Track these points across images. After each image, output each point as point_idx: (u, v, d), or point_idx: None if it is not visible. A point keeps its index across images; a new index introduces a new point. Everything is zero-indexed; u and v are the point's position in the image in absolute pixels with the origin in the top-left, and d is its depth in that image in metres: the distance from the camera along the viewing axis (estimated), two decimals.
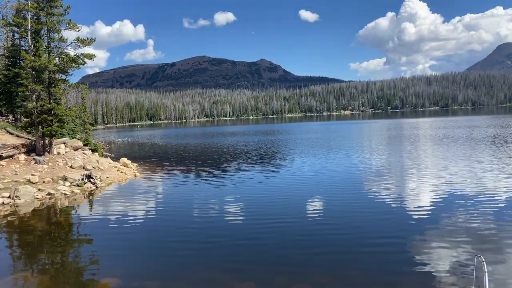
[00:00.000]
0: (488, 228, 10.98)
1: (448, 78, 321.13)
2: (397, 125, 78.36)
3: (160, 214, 14.59)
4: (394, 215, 12.92)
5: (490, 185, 16.36)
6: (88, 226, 13.55)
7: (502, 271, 8.26)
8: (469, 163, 22.78)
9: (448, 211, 12.86)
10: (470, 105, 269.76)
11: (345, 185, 18.18)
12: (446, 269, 8.50)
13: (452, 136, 42.33)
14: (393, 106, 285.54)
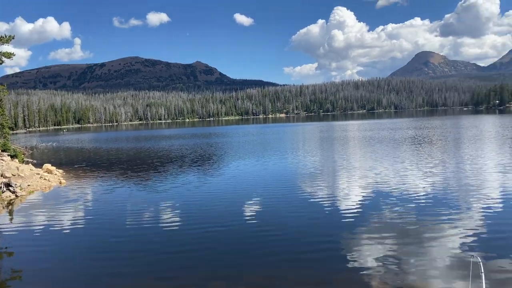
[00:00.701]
0: (410, 223, 11.86)
1: (374, 83, 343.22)
2: (328, 127, 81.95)
3: (88, 224, 13.74)
4: (327, 215, 13.44)
5: (411, 183, 17.72)
6: (8, 238, 12.37)
7: (425, 262, 8.94)
8: (392, 162, 24.50)
9: (375, 208, 13.70)
10: (393, 108, 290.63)
11: (280, 187, 18.57)
12: (374, 263, 9.00)
13: (378, 137, 45.30)
14: (325, 109, 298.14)
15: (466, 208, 13.04)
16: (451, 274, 8.25)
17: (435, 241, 10.16)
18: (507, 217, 12.03)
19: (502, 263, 8.64)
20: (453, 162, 23.86)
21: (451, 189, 16.11)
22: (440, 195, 15.19)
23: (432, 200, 14.37)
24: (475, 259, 6.28)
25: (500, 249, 9.41)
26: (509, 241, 9.94)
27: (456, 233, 10.63)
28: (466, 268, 8.44)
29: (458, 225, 11.29)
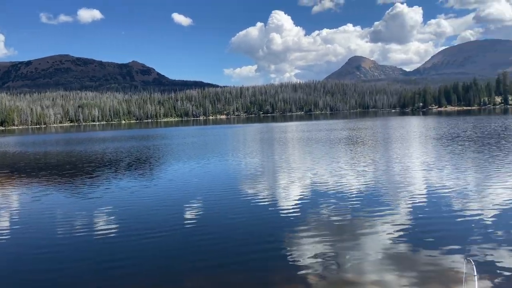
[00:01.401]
0: (346, 220, 12.35)
1: (311, 86, 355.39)
2: (268, 128, 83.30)
3: (13, 235, 12.53)
4: (267, 216, 13.54)
5: (346, 182, 18.50)
6: None
7: (359, 256, 9.31)
8: (329, 162, 25.43)
9: (314, 207, 14.08)
10: (329, 110, 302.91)
11: (221, 190, 18.41)
12: (313, 260, 9.20)
13: (315, 138, 46.89)
14: (264, 111, 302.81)
15: (396, 205, 13.87)
16: (383, 266, 8.67)
17: (368, 236, 10.66)
18: (433, 211, 12.96)
19: (430, 253, 9.26)
20: (383, 161, 25.34)
21: (382, 187, 17.06)
22: (373, 192, 16.02)
23: (365, 198, 15.09)
24: (469, 262, 6.58)
25: (426, 242, 10.08)
26: (435, 234, 10.67)
27: (387, 228, 11.23)
28: (397, 260, 8.95)
29: (388, 221, 11.95)
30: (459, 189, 15.89)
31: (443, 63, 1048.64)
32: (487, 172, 19.39)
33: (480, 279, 7.81)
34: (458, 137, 39.70)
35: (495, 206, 13.03)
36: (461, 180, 17.62)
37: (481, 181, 17.37)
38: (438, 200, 14.27)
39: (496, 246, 9.53)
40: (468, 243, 9.77)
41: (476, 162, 22.80)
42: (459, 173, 19.52)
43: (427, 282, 7.84)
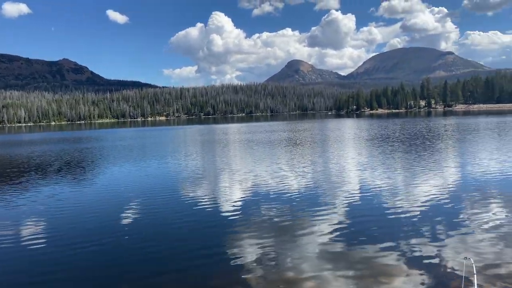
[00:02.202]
0: (286, 220, 12.51)
1: (252, 88, 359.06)
2: (209, 130, 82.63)
3: None
4: (208, 219, 13.32)
5: (287, 183, 18.82)
6: None
7: (299, 255, 9.45)
8: (269, 164, 25.75)
9: (255, 209, 14.11)
10: (269, 112, 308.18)
11: (160, 194, 17.80)
12: (254, 262, 9.17)
13: (256, 140, 47.34)
14: (205, 112, 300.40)
15: (333, 204, 14.35)
16: (322, 265, 8.88)
17: (307, 236, 10.88)
18: (367, 209, 13.59)
19: (366, 250, 9.65)
20: (321, 161, 26.21)
21: (320, 187, 17.59)
22: (311, 193, 16.45)
23: (304, 198, 15.45)
24: (468, 261, 6.73)
25: (362, 239, 10.50)
26: (369, 231, 11.17)
27: (325, 227, 11.56)
28: (335, 258, 9.21)
29: (326, 220, 12.32)
30: (390, 187, 16.85)
31: (374, 69, 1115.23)
32: (415, 170, 20.81)
33: (409, 272, 8.29)
34: (388, 138, 42.30)
35: (423, 203, 13.97)
36: (392, 179, 18.71)
37: (410, 179, 18.58)
38: (372, 199, 15.01)
39: (425, 240, 10.19)
40: (400, 239, 10.34)
41: (405, 162, 24.40)
42: (390, 172, 20.72)
43: (363, 278, 8.15)
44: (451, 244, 9.80)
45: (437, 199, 14.41)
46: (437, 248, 9.53)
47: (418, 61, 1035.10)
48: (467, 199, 14.23)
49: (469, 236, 10.31)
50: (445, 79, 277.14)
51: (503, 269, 8.22)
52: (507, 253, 9.07)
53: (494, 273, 8.01)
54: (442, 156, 26.41)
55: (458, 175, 19.22)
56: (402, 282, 7.91)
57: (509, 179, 17.59)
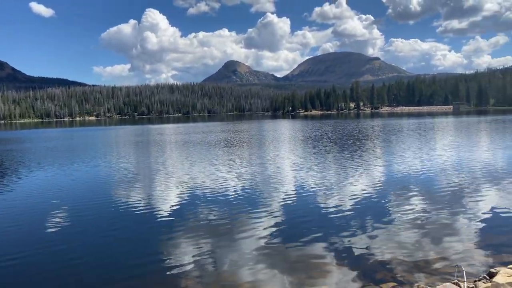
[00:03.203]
0: (224, 221, 12.42)
1: (188, 88, 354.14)
2: (144, 131, 79.87)
3: None
4: (143, 222, 12.80)
5: (224, 184, 18.72)
6: None
7: (237, 257, 9.40)
8: (207, 165, 25.46)
9: (191, 212, 13.84)
10: (206, 112, 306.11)
11: (90, 199, 16.75)
12: (191, 264, 8.96)
13: (193, 141, 46.66)
14: (140, 112, 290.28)
15: (270, 204, 14.55)
16: (259, 265, 8.92)
17: (245, 237, 10.87)
18: (303, 209, 13.97)
19: (303, 247, 9.87)
20: (258, 162, 26.51)
21: (257, 188, 17.76)
22: (249, 194, 16.54)
23: (242, 199, 15.49)
24: (459, 268, 6.80)
25: (299, 238, 10.73)
26: (305, 230, 11.47)
27: (262, 228, 11.66)
28: (273, 258, 9.31)
29: (263, 220, 12.45)
30: (324, 186, 17.50)
31: (308, 71, 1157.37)
32: (346, 170, 21.86)
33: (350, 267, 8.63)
34: (322, 138, 44.06)
35: (354, 201, 14.67)
36: (325, 179, 19.45)
37: (342, 178, 19.45)
38: (307, 198, 15.47)
39: (356, 236, 10.69)
40: (333, 236, 10.73)
41: (337, 161, 25.54)
42: (324, 172, 21.53)
43: (299, 275, 8.32)
44: (380, 238, 10.39)
45: (367, 196, 15.23)
46: (367, 243, 10.04)
47: (348, 65, 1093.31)
48: (394, 196, 15.23)
49: (396, 230, 11.01)
50: (372, 82, 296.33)
51: (426, 258, 8.86)
52: (428, 243, 9.81)
53: (416, 263, 8.61)
54: (371, 156, 28.05)
55: (385, 173, 20.50)
56: (336, 276, 8.21)
57: (429, 176, 19.13)
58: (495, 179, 17.64)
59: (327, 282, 7.96)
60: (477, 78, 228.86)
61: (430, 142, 36.26)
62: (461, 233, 10.55)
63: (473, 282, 7.02)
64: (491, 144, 33.73)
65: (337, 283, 7.84)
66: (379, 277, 8.02)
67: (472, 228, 10.90)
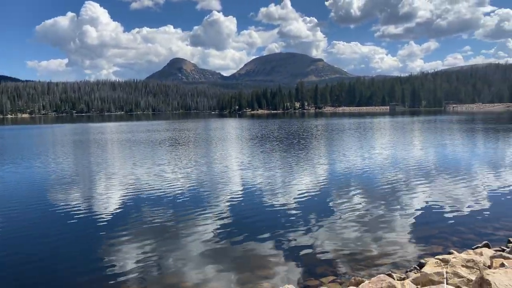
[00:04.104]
0: (168, 222, 12.18)
1: (131, 85, 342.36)
2: (83, 129, 75.99)
3: None
4: (83, 228, 12.16)
5: (170, 184, 18.36)
6: None
7: (183, 257, 9.26)
8: (151, 165, 24.79)
9: (135, 213, 13.41)
10: (151, 110, 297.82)
11: (27, 204, 15.59)
12: (134, 266, 8.69)
13: (137, 140, 45.17)
14: (78, 110, 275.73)
15: (216, 204, 14.52)
16: (205, 265, 8.88)
17: (191, 238, 10.76)
18: (249, 207, 14.08)
19: (249, 246, 9.96)
20: (205, 161, 26.32)
21: (204, 188, 17.63)
22: (195, 194, 16.37)
23: (188, 199, 15.30)
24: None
25: (246, 236, 10.82)
26: (251, 228, 11.57)
27: (208, 227, 11.61)
28: (220, 257, 9.30)
29: (209, 220, 12.40)
30: (270, 185, 17.79)
31: (255, 71, 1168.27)
32: (292, 168, 22.38)
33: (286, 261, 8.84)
34: (268, 137, 44.71)
35: (299, 198, 15.07)
36: (271, 177, 19.77)
37: (288, 176, 19.89)
38: (253, 196, 15.63)
39: (300, 232, 11.00)
40: (279, 233, 10.94)
41: (283, 160, 26.07)
42: (270, 170, 21.87)
43: (245, 273, 8.40)
44: (322, 234, 10.77)
45: (311, 194, 15.70)
46: (310, 239, 10.37)
47: (293, 65, 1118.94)
48: (336, 193, 15.86)
49: (338, 226, 11.47)
50: (316, 83, 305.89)
51: (364, 252, 9.34)
52: (366, 238, 10.35)
53: (355, 257, 9.05)
54: (315, 154, 28.96)
55: (329, 171, 21.27)
56: (280, 273, 8.39)
57: (369, 173, 20.15)
58: (428, 175, 19.01)
59: (270, 279, 8.11)
60: (411, 81, 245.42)
61: (370, 141, 38.22)
62: (396, 227, 11.24)
63: (405, 272, 7.54)
64: (424, 142, 36.28)
65: (280, 279, 8.01)
66: (319, 272, 8.33)
67: (406, 222, 11.66)
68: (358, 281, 6.63)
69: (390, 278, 6.17)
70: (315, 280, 7.94)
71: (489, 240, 9.28)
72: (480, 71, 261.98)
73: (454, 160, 24.41)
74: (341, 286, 7.40)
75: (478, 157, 25.88)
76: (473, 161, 24.15)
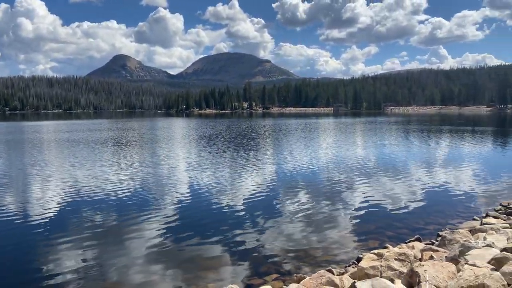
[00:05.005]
0: (112, 225, 11.75)
1: (70, 81, 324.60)
2: (17, 128, 70.83)
3: None
4: (18, 232, 11.35)
5: (112, 186, 17.66)
6: None
7: (127, 260, 8.98)
8: (92, 166, 23.69)
9: (75, 216, 12.76)
10: (92, 109, 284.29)
11: None
12: (75, 271, 8.29)
13: (76, 139, 42.88)
14: (12, 107, 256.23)
15: (162, 205, 14.23)
16: (150, 267, 8.70)
17: (136, 240, 10.49)
18: (196, 208, 13.97)
19: (196, 247, 9.87)
20: (151, 162, 25.65)
21: (149, 189, 17.20)
22: (140, 195, 15.92)
23: (132, 201, 14.85)
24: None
25: (193, 237, 10.72)
26: (199, 229, 11.49)
27: (154, 229, 11.38)
28: (164, 258, 9.14)
29: (155, 221, 12.14)
30: (218, 185, 17.76)
31: (203, 70, 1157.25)
32: (240, 168, 22.49)
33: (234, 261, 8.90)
34: (216, 137, 44.54)
35: (247, 198, 15.20)
36: (220, 178, 19.74)
37: (236, 177, 19.96)
38: (201, 197, 15.51)
39: (248, 232, 11.11)
40: (227, 233, 10.98)
41: (232, 160, 26.13)
42: (218, 171, 21.81)
43: (192, 274, 8.34)
44: (268, 233, 10.98)
45: (258, 194, 15.90)
46: (256, 238, 10.52)
47: (241, 66, 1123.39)
48: (283, 192, 16.21)
49: (283, 225, 11.75)
50: (263, 84, 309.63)
51: (307, 250, 9.65)
52: (309, 236, 10.70)
53: (298, 254, 9.33)
54: (263, 154, 29.33)
55: (276, 171, 21.64)
56: (224, 273, 8.45)
57: (314, 172, 20.82)
58: (368, 174, 20.03)
59: (215, 280, 8.12)
60: (353, 84, 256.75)
61: (316, 141, 39.47)
62: (338, 224, 11.73)
63: (344, 267, 7.91)
64: (366, 143, 38.16)
65: (225, 280, 8.06)
66: (263, 270, 8.50)
67: (347, 219, 12.21)
68: (300, 278, 6.85)
69: (330, 274, 6.45)
70: (259, 279, 8.08)
71: (420, 234, 10.00)
72: (415, 75, 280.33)
73: (392, 160, 25.94)
74: (284, 283, 7.60)
75: (413, 157, 27.71)
76: (408, 160, 25.82)
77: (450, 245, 8.04)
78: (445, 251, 7.70)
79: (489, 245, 6.96)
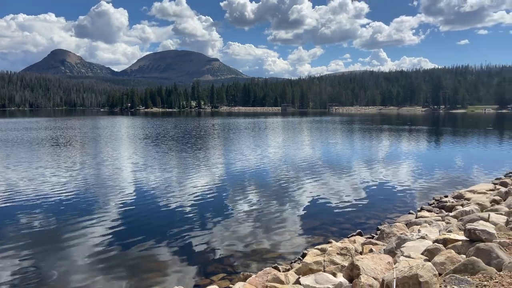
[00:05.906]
0: (51, 229, 11.09)
1: (4, 77, 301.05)
2: None
3: None
4: None
5: (52, 188, 16.66)
6: None
7: (68, 264, 8.52)
8: (27, 168, 22.16)
9: (11, 220, 11.88)
10: (28, 106, 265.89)
11: None
12: (11, 278, 7.73)
13: (9, 139, 39.85)
14: None
15: (106, 207, 13.69)
16: (94, 271, 8.37)
17: (78, 244, 10.02)
18: (142, 209, 13.56)
19: (142, 249, 9.60)
20: (93, 163, 24.50)
21: (92, 190, 16.44)
22: (81, 197, 15.19)
23: (73, 203, 14.13)
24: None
25: (138, 239, 10.40)
26: (144, 231, 11.17)
27: (98, 232, 10.94)
28: (108, 261, 8.79)
29: (99, 224, 11.66)
30: (165, 186, 17.39)
31: (149, 67, 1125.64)
32: (188, 168, 22.19)
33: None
34: (164, 137, 43.54)
35: (195, 199, 15.04)
36: (167, 178, 19.33)
37: (184, 176, 19.66)
38: (147, 198, 15.10)
39: (196, 232, 11.00)
40: (173, 234, 10.80)
41: (179, 160, 25.70)
42: (165, 171, 21.35)
43: (138, 277, 8.10)
44: (216, 233, 10.96)
45: (207, 194, 15.79)
46: (204, 239, 10.46)
47: (189, 64, 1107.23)
48: (232, 192, 16.23)
49: (232, 224, 11.78)
50: (212, 83, 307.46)
51: (254, 248, 9.74)
52: (257, 234, 10.83)
53: (246, 253, 9.41)
54: (212, 154, 29.14)
55: (225, 171, 21.60)
56: (171, 275, 8.33)
57: (263, 171, 21.05)
58: (314, 172, 20.65)
59: (161, 282, 7.98)
60: (300, 84, 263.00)
61: (264, 140, 39.92)
62: (285, 221, 11.98)
63: (290, 264, 8.10)
64: (312, 141, 39.24)
65: (171, 282, 7.93)
66: (210, 270, 8.49)
67: (293, 216, 12.50)
68: (246, 276, 6.92)
69: (275, 270, 6.58)
70: (206, 279, 8.05)
71: (362, 229, 10.50)
72: (358, 77, 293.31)
73: (336, 158, 26.93)
74: (230, 282, 7.62)
75: (356, 155, 28.97)
76: (352, 158, 26.95)
77: (388, 238, 8.52)
78: (384, 244, 8.15)
79: (422, 237, 7.48)
